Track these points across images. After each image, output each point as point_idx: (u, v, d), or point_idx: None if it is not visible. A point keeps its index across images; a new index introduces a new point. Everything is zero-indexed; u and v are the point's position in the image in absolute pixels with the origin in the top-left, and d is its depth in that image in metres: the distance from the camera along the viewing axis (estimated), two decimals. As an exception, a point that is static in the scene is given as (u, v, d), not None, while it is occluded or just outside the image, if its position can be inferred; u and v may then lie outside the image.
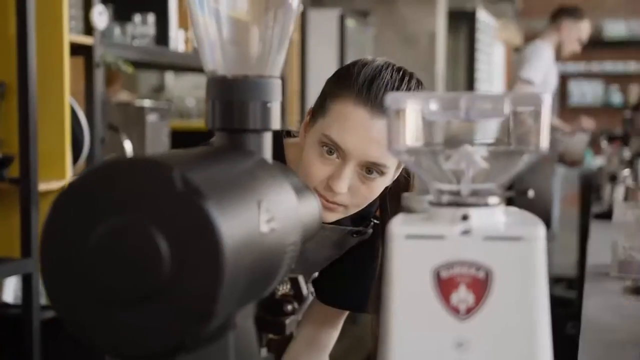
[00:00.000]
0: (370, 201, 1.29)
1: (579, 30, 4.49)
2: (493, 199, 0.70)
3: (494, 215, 0.69)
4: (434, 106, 0.69)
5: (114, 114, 3.02)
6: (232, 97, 0.79)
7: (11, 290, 2.52)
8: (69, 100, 2.46)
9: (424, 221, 0.70)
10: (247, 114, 0.79)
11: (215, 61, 0.81)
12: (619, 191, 2.88)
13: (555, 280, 5.46)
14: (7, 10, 2.38)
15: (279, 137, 1.39)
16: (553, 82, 4.56)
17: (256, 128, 0.79)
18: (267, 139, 0.81)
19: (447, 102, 0.69)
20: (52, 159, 2.41)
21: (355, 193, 1.26)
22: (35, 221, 2.30)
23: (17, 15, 2.31)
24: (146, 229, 0.60)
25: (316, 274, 1.50)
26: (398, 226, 0.68)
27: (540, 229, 0.67)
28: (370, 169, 1.25)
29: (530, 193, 0.70)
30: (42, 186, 2.34)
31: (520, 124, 0.69)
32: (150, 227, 0.60)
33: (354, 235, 1.40)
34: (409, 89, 1.26)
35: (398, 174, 1.33)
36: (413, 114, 0.70)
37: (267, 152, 0.81)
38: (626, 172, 3.02)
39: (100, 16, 2.58)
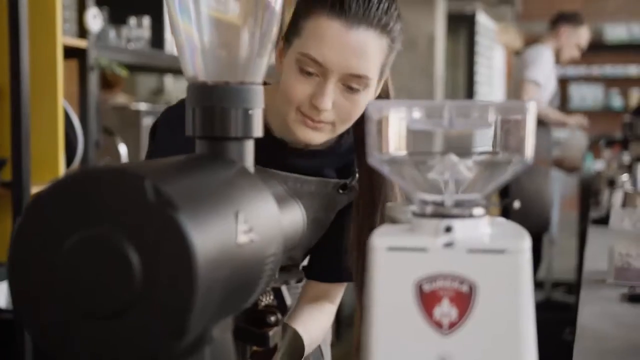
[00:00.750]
0: (357, 116, 1.27)
1: (578, 36, 4.48)
2: (478, 210, 0.68)
3: (479, 227, 0.67)
4: (417, 115, 0.68)
5: (110, 117, 3.01)
6: (213, 104, 0.77)
7: (4, 294, 2.50)
8: (63, 104, 2.45)
9: (406, 232, 0.68)
10: (228, 121, 0.77)
11: (196, 67, 0.79)
12: (617, 196, 2.87)
13: (554, 285, 5.44)
14: None
15: None
16: (553, 85, 4.55)
17: (237, 136, 0.78)
18: (249, 146, 0.79)
19: (430, 111, 0.68)
20: (45, 163, 2.39)
21: (340, 109, 1.24)
22: (27, 225, 2.27)
23: (9, 18, 2.29)
24: (117, 241, 0.58)
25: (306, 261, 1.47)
26: (380, 238, 0.66)
27: (526, 242, 0.66)
28: (352, 84, 1.23)
29: (516, 204, 0.68)
30: (35, 190, 2.32)
31: (506, 133, 0.67)
32: (121, 239, 0.58)
33: (341, 192, 1.39)
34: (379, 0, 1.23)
35: (380, 89, 1.32)
36: (395, 122, 0.68)
37: (249, 160, 0.79)
38: (625, 177, 3.00)
39: (95, 19, 2.56)
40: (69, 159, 2.50)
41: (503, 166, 0.67)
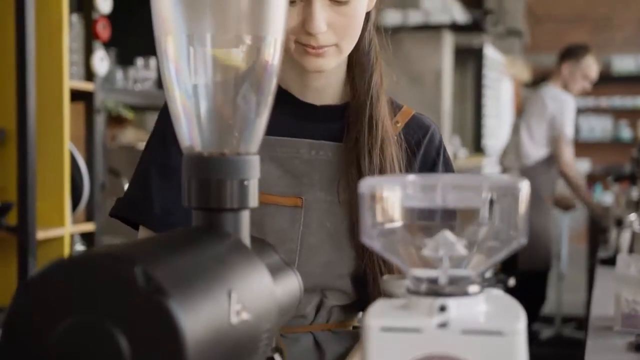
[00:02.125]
0: (358, 30, 1.19)
1: (582, 69, 4.48)
2: (473, 288, 0.67)
3: (474, 305, 0.67)
4: (410, 192, 0.67)
5: (117, 157, 3.02)
6: (209, 176, 0.77)
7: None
8: (69, 147, 2.45)
9: (400, 311, 0.67)
10: (224, 192, 0.77)
11: (192, 138, 0.79)
12: (625, 236, 2.85)
13: (564, 320, 5.39)
14: (7, 56, 2.39)
15: None
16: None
17: (233, 207, 0.77)
18: (245, 217, 0.79)
19: (423, 188, 0.67)
20: (51, 207, 2.40)
21: (336, 27, 1.16)
22: (33, 270, 2.28)
23: (16, 61, 2.31)
24: (107, 328, 0.58)
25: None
26: (374, 318, 0.66)
27: (521, 322, 0.65)
28: None
29: (511, 282, 0.68)
30: (41, 234, 2.33)
31: (500, 210, 0.67)
32: (111, 326, 0.58)
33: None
34: None
35: None
36: (388, 199, 0.68)
37: (245, 231, 0.79)
38: (632, 216, 2.98)
39: (102, 62, 2.58)
40: (75, 202, 2.51)
41: (498, 246, 0.67)
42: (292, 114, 1.26)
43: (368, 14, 1.25)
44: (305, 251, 1.22)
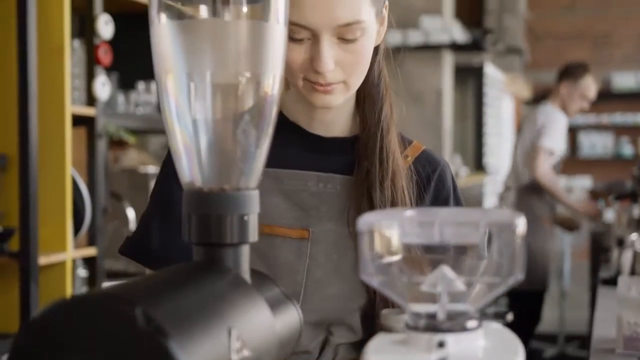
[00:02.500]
0: (367, 66, 1.18)
1: (581, 89, 4.49)
2: (471, 323, 0.68)
3: (472, 341, 0.67)
4: (408, 228, 0.68)
5: (119, 180, 3.03)
6: (209, 211, 0.78)
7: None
8: (71, 172, 2.46)
9: (399, 347, 0.68)
10: (224, 228, 0.78)
11: (192, 173, 0.80)
12: (627, 256, 2.85)
13: (567, 339, 5.38)
14: (9, 81, 2.40)
15: None
16: (562, 150, 4.57)
17: (233, 242, 0.78)
18: (245, 252, 0.79)
19: (421, 224, 0.68)
20: (53, 232, 2.41)
21: (344, 64, 1.15)
22: (35, 296, 2.28)
23: (19, 86, 2.32)
24: (108, 368, 0.58)
25: None
26: (373, 354, 0.66)
27: (520, 357, 0.65)
28: (346, 36, 1.13)
29: (509, 317, 0.68)
30: (43, 260, 2.33)
31: (498, 245, 0.67)
32: (112, 366, 0.58)
33: None
34: None
35: (385, 27, 1.23)
36: (386, 236, 0.69)
37: (245, 266, 0.79)
38: (634, 236, 2.98)
39: (103, 87, 2.60)
40: (77, 227, 2.51)
41: (496, 281, 0.67)
42: (300, 147, 1.26)
43: (377, 47, 1.24)
44: (311, 283, 1.21)
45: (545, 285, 4.36)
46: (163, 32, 0.77)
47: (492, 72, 7.39)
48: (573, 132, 10.02)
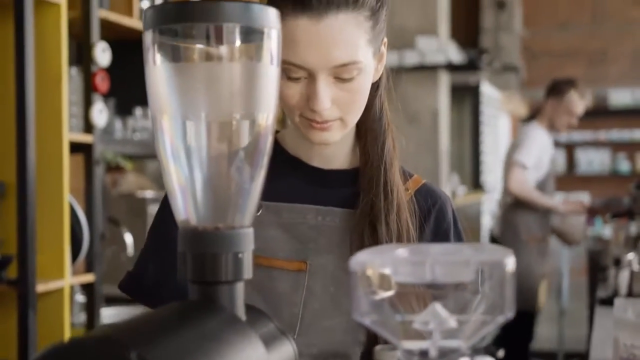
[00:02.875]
0: (364, 103, 1.18)
1: (566, 104, 4.49)
2: (463, 360, 0.69)
3: (464, 378, 0.68)
4: (400, 267, 0.69)
5: (117, 206, 3.03)
6: (204, 250, 0.79)
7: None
8: (68, 199, 2.47)
9: (392, 385, 0.69)
10: (219, 266, 0.79)
11: (187, 212, 0.81)
12: (624, 276, 2.86)
13: (567, 357, 5.37)
14: (7, 109, 2.42)
15: None
16: (546, 166, 4.54)
17: (228, 280, 0.79)
18: (239, 289, 0.80)
19: (413, 264, 0.69)
20: (51, 259, 2.41)
21: (340, 103, 1.15)
22: (33, 323, 2.28)
23: (17, 114, 2.34)
24: (104, 412, 0.59)
25: None
26: (366, 392, 0.67)
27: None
28: (343, 75, 1.13)
29: (500, 353, 0.69)
30: (41, 287, 2.34)
31: (487, 285, 0.68)
32: (108, 410, 0.59)
33: None
34: None
35: (383, 63, 1.23)
36: (379, 274, 0.70)
37: (239, 303, 0.80)
38: (630, 255, 2.99)
39: (100, 114, 2.61)
40: (75, 254, 2.52)
41: (487, 319, 0.68)
42: (301, 179, 1.27)
43: (378, 81, 1.24)
44: (308, 316, 1.21)
45: (533, 306, 4.35)
46: (158, 73, 0.79)
47: (488, 91, 7.42)
48: (570, 148, 10.05)
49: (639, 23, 9.03)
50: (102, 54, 2.61)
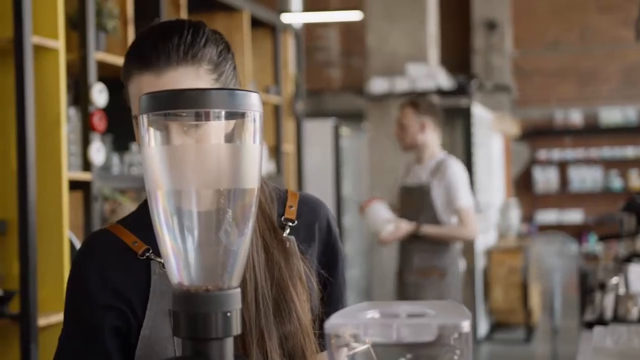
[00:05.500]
0: None
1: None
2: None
3: None
4: (370, 331, 0.78)
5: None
6: (195, 310, 0.88)
7: None
8: (68, 235, 2.56)
9: None
10: (209, 324, 0.88)
11: (180, 275, 0.90)
12: (609, 299, 2.93)
13: (560, 376, 5.45)
14: (8, 150, 2.51)
15: None
16: None
17: (218, 337, 0.88)
18: (229, 344, 0.89)
19: (382, 328, 0.78)
20: (52, 293, 2.49)
21: None
22: (35, 357, 2.36)
23: (17, 155, 2.43)
24: None
25: None
26: None
27: None
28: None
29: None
30: (42, 321, 2.42)
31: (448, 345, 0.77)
32: None
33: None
34: (180, 36, 1.21)
35: None
36: (350, 336, 0.78)
37: (229, 357, 0.89)
38: (615, 280, 3.07)
39: (98, 152, 2.70)
40: (75, 287, 2.60)
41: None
42: None
43: None
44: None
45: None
46: (153, 154, 0.88)
47: (479, 112, 7.52)
48: (563, 166, 10.16)
49: (627, 42, 9.15)
50: (99, 95, 2.70)
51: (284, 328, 1.22)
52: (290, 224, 1.30)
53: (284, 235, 1.28)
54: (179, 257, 0.90)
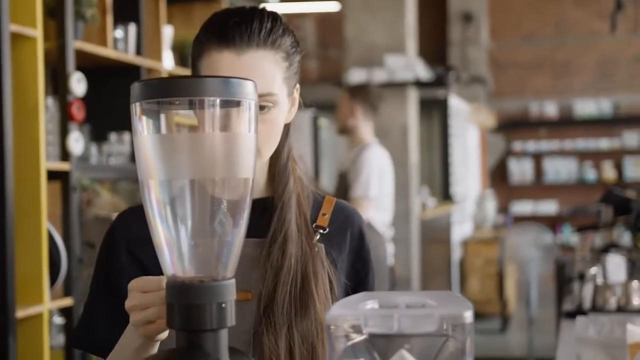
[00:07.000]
0: (278, 137, 1.26)
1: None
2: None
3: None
4: (370, 322, 0.77)
5: (92, 229, 3.08)
6: (190, 301, 0.86)
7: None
8: (46, 226, 2.52)
9: None
10: (203, 315, 0.86)
11: (174, 267, 0.88)
12: (588, 289, 2.95)
13: (537, 364, 5.49)
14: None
15: None
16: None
17: (212, 328, 0.86)
18: (224, 335, 0.88)
19: (382, 319, 0.77)
20: (30, 285, 2.46)
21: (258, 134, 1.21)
22: (13, 350, 2.33)
23: (-6, 145, 2.39)
24: None
25: None
26: None
27: None
28: (260, 103, 1.18)
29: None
30: (20, 313, 2.38)
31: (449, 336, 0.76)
32: None
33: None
34: (261, 21, 1.24)
35: (296, 108, 1.31)
36: (351, 327, 0.77)
37: (223, 348, 0.88)
38: (594, 270, 3.09)
39: (76, 142, 2.67)
40: (53, 278, 2.57)
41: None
42: None
43: (287, 127, 1.31)
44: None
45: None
46: (145, 143, 0.86)
47: (456, 104, 7.54)
48: (538, 158, 10.22)
49: (602, 35, 9.22)
50: (78, 84, 2.67)
51: (301, 325, 1.22)
52: (322, 231, 1.31)
53: (314, 240, 1.29)
54: (172, 247, 0.88)
